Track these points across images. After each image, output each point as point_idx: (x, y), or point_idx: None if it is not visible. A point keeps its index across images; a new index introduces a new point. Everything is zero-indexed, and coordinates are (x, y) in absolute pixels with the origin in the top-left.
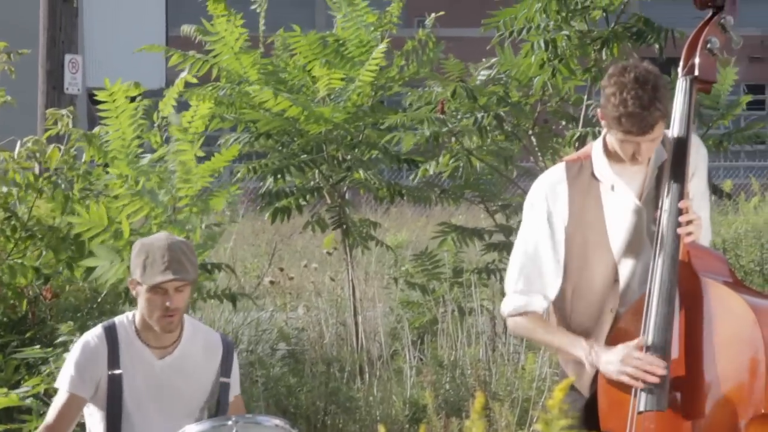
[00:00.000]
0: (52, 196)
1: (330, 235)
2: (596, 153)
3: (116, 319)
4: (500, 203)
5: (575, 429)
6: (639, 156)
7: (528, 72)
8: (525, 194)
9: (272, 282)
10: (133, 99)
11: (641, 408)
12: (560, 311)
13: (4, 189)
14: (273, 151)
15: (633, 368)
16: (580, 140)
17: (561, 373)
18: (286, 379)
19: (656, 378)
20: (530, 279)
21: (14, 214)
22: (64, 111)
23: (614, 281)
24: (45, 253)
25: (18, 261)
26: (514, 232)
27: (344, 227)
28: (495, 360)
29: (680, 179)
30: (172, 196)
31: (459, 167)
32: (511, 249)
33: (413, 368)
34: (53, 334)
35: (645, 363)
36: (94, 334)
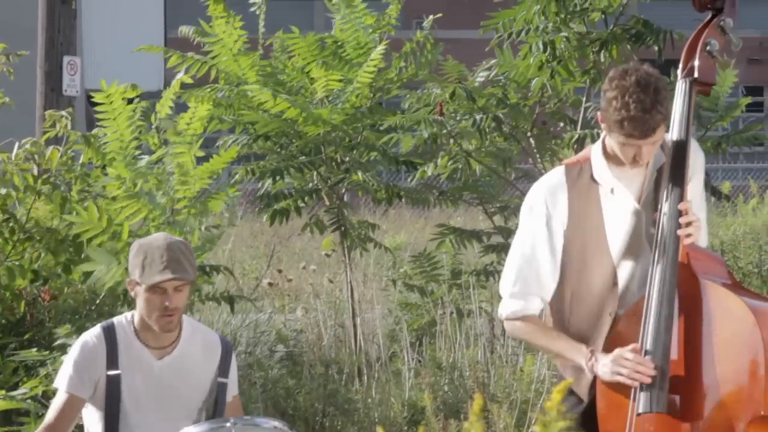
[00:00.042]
0: (50, 198)
1: (328, 237)
2: (595, 156)
3: (115, 320)
4: (498, 205)
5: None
6: (640, 159)
7: (527, 74)
8: (523, 196)
9: (271, 284)
10: (131, 101)
11: (640, 410)
12: (558, 314)
13: (3, 191)
14: (271, 153)
15: (625, 369)
16: (579, 142)
17: (559, 376)
18: (285, 381)
19: (648, 378)
20: (527, 282)
21: (12, 216)
22: (63, 112)
23: (613, 285)
24: (43, 255)
25: (16, 263)
26: (513, 234)
27: (343, 229)
28: (493, 362)
29: (680, 181)
30: (170, 198)
31: (458, 169)
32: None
33: (412, 370)
34: (52, 336)
35: (636, 364)
36: (93, 335)
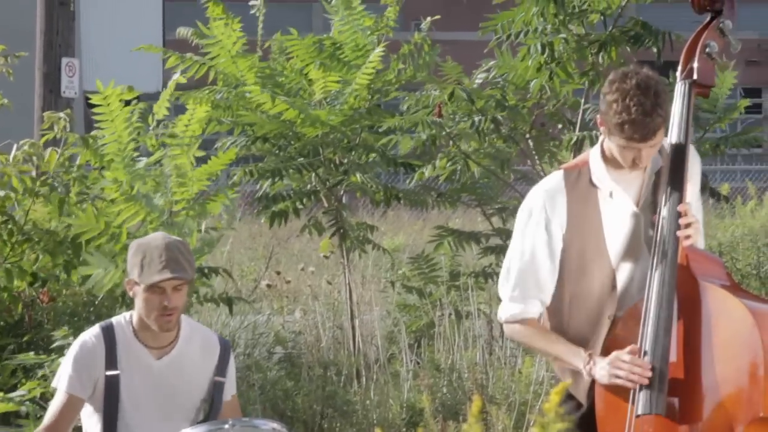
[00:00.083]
0: (48, 200)
1: (326, 239)
2: (594, 160)
3: (113, 320)
4: (497, 206)
5: None
6: (639, 162)
7: (525, 75)
8: (522, 197)
9: (269, 285)
10: (129, 102)
11: (639, 411)
12: (557, 317)
13: (1, 193)
14: (270, 155)
15: (623, 371)
16: (577, 144)
17: (557, 379)
18: (283, 383)
19: (645, 380)
20: (526, 286)
21: (11, 218)
22: (61, 114)
23: (612, 288)
24: (42, 257)
25: (15, 264)
26: (511, 236)
27: (341, 231)
28: (492, 363)
29: (679, 183)
30: (168, 200)
31: (456, 170)
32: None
33: (410, 372)
34: (50, 338)
35: (633, 365)
36: (92, 334)
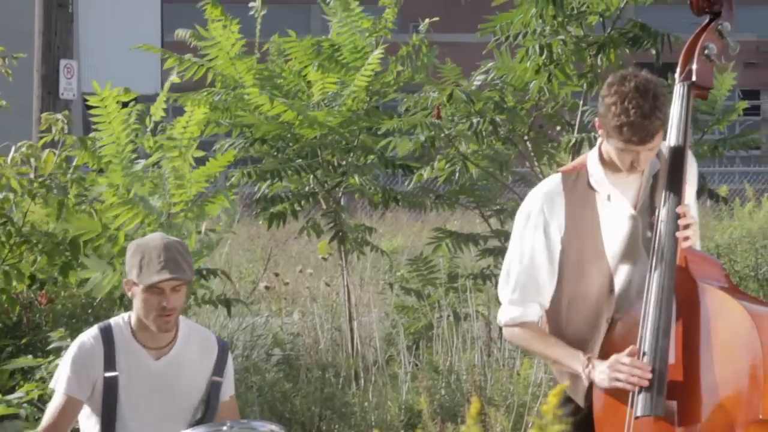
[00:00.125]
0: (46, 202)
1: (324, 241)
2: (592, 163)
3: (112, 321)
4: (495, 208)
5: None
6: (637, 165)
7: (524, 77)
8: (520, 199)
9: (267, 287)
10: (126, 104)
11: (638, 413)
12: (555, 320)
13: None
14: (268, 157)
15: (623, 374)
16: (576, 146)
17: (555, 381)
18: (281, 385)
19: (645, 382)
20: (526, 289)
21: (9, 219)
22: (59, 116)
23: (610, 290)
24: (40, 259)
25: (13, 266)
26: (509, 237)
27: (340, 234)
28: (490, 365)
29: (677, 185)
30: (166, 202)
31: (455, 172)
32: (506, 254)
33: (408, 374)
34: (48, 341)
35: (632, 368)
36: (90, 336)
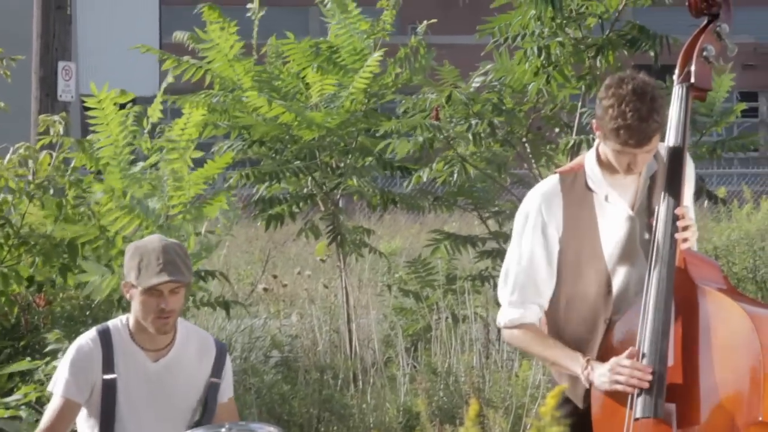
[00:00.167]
0: (43, 204)
1: (323, 242)
2: (589, 164)
3: (110, 323)
4: (493, 210)
5: None
6: (634, 167)
7: (522, 79)
8: (518, 201)
9: (266, 289)
10: (124, 106)
11: (638, 415)
12: (553, 321)
13: None
14: (266, 158)
15: (623, 377)
16: (574, 148)
17: (553, 382)
18: (280, 387)
19: (645, 384)
20: (525, 290)
21: (8, 221)
22: (56, 117)
23: (608, 292)
24: (38, 261)
25: (11, 268)
26: (508, 239)
27: (338, 235)
28: (489, 367)
29: (676, 186)
30: (165, 204)
31: (453, 173)
32: (504, 256)
33: (407, 375)
34: (45, 342)
35: (633, 370)
36: (89, 338)
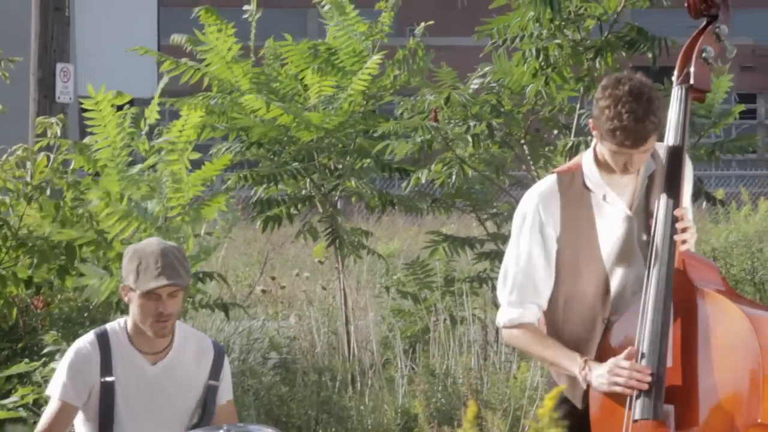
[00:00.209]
0: (40, 206)
1: (321, 244)
2: (587, 163)
3: (108, 326)
4: (492, 212)
5: None
6: (631, 167)
7: (521, 80)
8: (516, 203)
9: (264, 291)
10: (121, 107)
11: (636, 416)
12: (552, 320)
13: None
14: (264, 160)
15: (622, 378)
16: (572, 150)
17: (552, 383)
18: (278, 388)
19: (645, 385)
20: (524, 290)
21: (6, 223)
22: (54, 119)
23: (605, 291)
24: (36, 262)
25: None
26: (506, 241)
27: (336, 237)
28: (487, 369)
29: (675, 188)
30: (163, 206)
31: (452, 175)
32: (503, 257)
33: (405, 377)
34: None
35: (632, 371)
36: (87, 341)
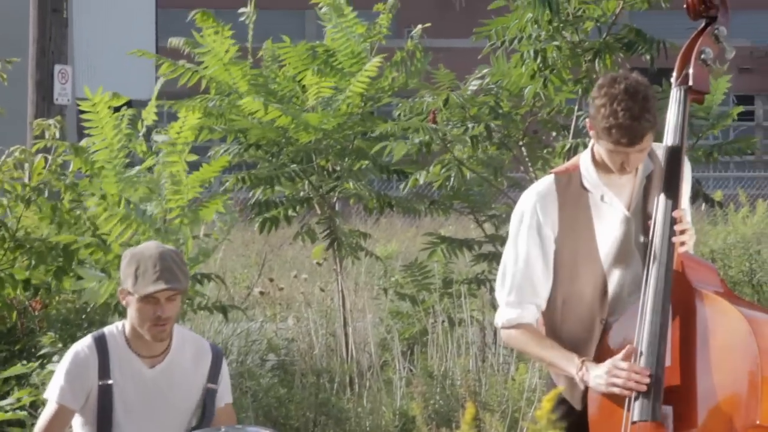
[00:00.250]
0: (38, 207)
1: (319, 246)
2: (584, 164)
3: (105, 330)
4: (490, 213)
5: None
6: (627, 166)
7: (519, 82)
8: (514, 204)
9: (262, 293)
10: (119, 109)
11: (635, 418)
12: (550, 321)
13: None
14: (263, 162)
15: (620, 379)
16: (570, 151)
17: (550, 385)
18: (276, 390)
19: (643, 387)
20: (522, 290)
21: (3, 225)
22: (51, 121)
23: (603, 292)
24: (34, 264)
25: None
26: (504, 242)
27: (336, 243)
28: (485, 370)
29: (674, 189)
30: (162, 208)
31: (450, 177)
32: (500, 259)
33: (403, 379)
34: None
35: (630, 373)
36: (85, 345)
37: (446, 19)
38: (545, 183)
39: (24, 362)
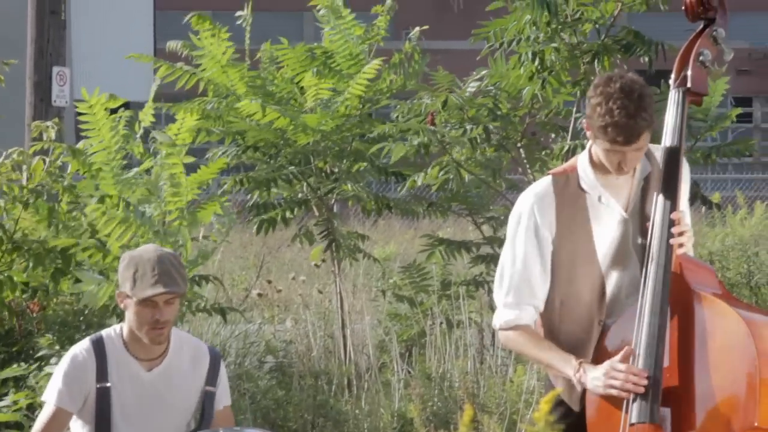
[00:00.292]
0: (36, 209)
1: (317, 248)
2: (582, 165)
3: (103, 332)
4: (488, 215)
5: None
6: (625, 166)
7: (517, 84)
8: (512, 206)
9: (260, 294)
10: (116, 110)
11: (633, 420)
12: (548, 323)
13: None
14: (261, 164)
15: (618, 381)
16: (569, 153)
17: (548, 386)
18: (274, 392)
19: (641, 389)
20: (520, 292)
21: (1, 226)
22: (49, 123)
23: (601, 294)
24: (32, 266)
25: (5, 274)
26: (502, 244)
27: (334, 245)
28: (483, 372)
29: (672, 191)
30: (161, 210)
31: (448, 179)
32: (499, 261)
33: (401, 381)
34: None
35: (628, 374)
36: (82, 348)
37: (444, 21)
38: (543, 184)
39: (21, 364)
